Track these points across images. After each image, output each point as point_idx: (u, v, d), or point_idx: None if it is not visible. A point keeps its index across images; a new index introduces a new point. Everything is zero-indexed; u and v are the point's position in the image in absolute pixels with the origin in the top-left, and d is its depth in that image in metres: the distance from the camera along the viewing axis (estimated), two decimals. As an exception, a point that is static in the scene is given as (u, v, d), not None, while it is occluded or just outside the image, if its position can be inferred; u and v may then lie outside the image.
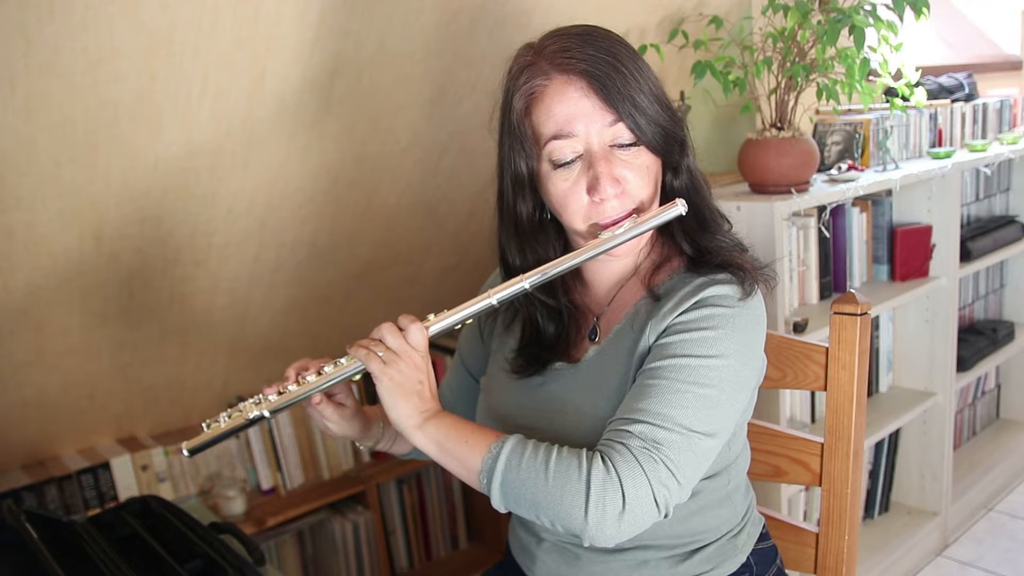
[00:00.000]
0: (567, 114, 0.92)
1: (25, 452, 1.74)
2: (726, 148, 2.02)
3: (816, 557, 1.16)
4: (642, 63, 0.95)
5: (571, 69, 0.92)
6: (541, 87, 0.94)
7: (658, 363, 0.91)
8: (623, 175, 0.94)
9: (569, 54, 0.93)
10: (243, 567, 1.04)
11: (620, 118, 0.92)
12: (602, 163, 0.93)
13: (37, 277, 1.47)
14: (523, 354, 1.06)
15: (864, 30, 1.62)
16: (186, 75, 1.30)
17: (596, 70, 0.91)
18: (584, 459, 0.86)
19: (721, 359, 0.91)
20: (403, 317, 0.95)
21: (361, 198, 1.74)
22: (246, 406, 0.98)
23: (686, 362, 0.90)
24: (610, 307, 1.04)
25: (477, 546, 2.29)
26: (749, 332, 0.95)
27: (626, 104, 0.92)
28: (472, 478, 0.90)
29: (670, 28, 1.83)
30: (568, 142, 0.93)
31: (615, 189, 0.93)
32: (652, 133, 0.94)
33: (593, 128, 0.92)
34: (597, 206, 0.94)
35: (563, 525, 0.86)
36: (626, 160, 0.94)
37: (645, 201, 0.96)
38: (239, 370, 1.94)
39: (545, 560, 1.06)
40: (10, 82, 1.17)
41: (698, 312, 0.93)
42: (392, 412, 0.92)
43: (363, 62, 1.46)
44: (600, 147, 0.93)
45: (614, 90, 0.91)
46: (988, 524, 2.44)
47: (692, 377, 0.90)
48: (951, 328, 2.23)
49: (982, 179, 2.62)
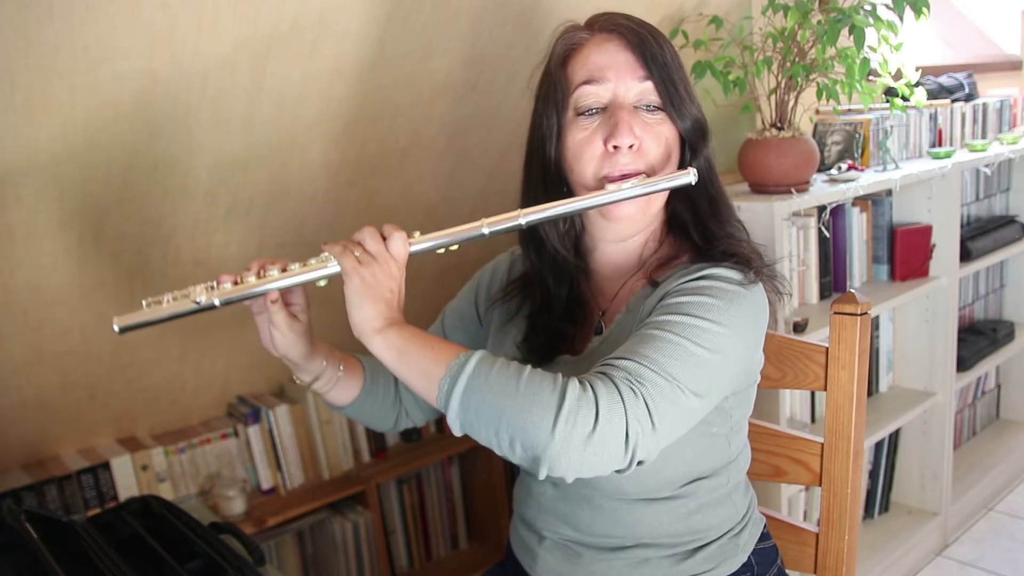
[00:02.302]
0: (601, 63, 0.97)
1: (25, 452, 1.74)
2: (726, 148, 2.02)
3: (816, 557, 1.16)
4: (679, 58, 1.01)
5: (612, 29, 0.99)
6: (583, 40, 1.00)
7: (655, 317, 0.90)
8: (641, 134, 0.96)
9: (614, 20, 0.99)
10: (243, 567, 1.04)
11: (650, 77, 0.96)
12: (624, 112, 0.96)
13: (37, 277, 1.47)
14: (529, 340, 1.07)
15: (864, 30, 1.62)
16: (186, 75, 1.30)
17: (635, 34, 0.97)
18: (561, 377, 0.82)
19: (718, 326, 0.89)
20: (388, 225, 0.93)
21: (361, 198, 1.74)
22: (195, 290, 0.93)
23: (683, 320, 0.88)
24: (615, 300, 1.05)
25: (477, 546, 2.29)
26: (749, 316, 0.93)
27: (659, 68, 0.96)
28: (430, 388, 0.83)
29: (670, 28, 1.83)
30: (596, 87, 0.97)
31: (631, 140, 0.95)
32: (678, 104, 0.98)
33: (623, 81, 0.96)
34: (611, 157, 0.96)
35: (524, 441, 0.78)
36: (648, 123, 0.97)
37: (656, 168, 0.98)
38: (239, 370, 1.94)
39: (546, 558, 1.07)
40: (10, 82, 1.17)
41: (701, 282, 0.94)
42: (355, 313, 0.88)
43: (363, 62, 1.46)
44: (627, 101, 0.97)
45: (650, 53, 0.96)
46: (988, 524, 2.44)
47: (688, 334, 0.87)
48: (951, 328, 2.23)
49: (982, 179, 2.62)
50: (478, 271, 1.24)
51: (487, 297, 1.19)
